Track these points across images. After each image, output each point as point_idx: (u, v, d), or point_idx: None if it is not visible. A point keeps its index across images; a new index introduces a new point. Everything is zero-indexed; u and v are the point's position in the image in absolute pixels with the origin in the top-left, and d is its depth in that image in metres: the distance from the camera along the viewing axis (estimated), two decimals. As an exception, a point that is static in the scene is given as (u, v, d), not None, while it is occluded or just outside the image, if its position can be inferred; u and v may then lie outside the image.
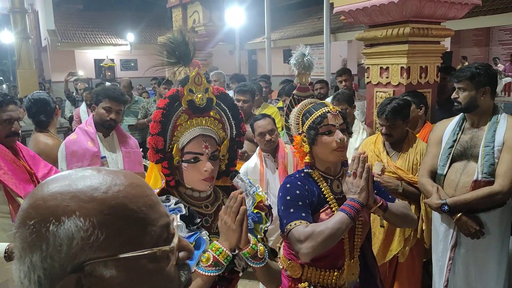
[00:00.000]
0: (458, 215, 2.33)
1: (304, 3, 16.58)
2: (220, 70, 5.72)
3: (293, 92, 1.84)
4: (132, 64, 20.58)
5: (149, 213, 0.65)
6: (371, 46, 3.47)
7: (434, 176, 2.51)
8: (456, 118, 2.52)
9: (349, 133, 1.75)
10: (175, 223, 0.71)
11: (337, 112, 1.68)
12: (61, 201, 0.60)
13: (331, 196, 1.69)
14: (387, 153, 2.76)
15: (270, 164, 2.90)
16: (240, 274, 1.47)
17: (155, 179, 1.42)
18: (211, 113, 1.43)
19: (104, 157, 2.75)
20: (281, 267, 1.81)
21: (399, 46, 3.20)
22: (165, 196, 1.34)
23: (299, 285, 1.74)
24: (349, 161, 3.36)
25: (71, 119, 6.99)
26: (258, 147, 2.98)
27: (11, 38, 9.46)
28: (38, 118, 2.94)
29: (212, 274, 1.26)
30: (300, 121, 1.73)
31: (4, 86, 22.67)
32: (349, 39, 14.07)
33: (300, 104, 1.77)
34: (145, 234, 0.64)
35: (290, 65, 1.81)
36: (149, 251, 0.63)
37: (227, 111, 1.48)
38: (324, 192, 1.69)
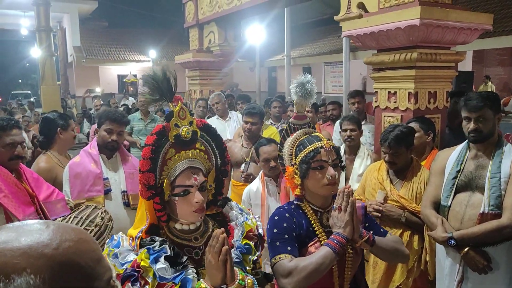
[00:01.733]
0: (466, 249, 2.23)
1: (324, 21, 16.61)
2: (220, 92, 5.79)
3: (290, 120, 1.84)
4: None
5: (96, 268, 0.67)
6: (379, 70, 3.44)
7: (438, 207, 2.44)
8: (459, 148, 2.45)
9: (341, 168, 1.74)
10: (114, 274, 0.72)
11: (331, 147, 1.66)
12: (11, 258, 0.60)
13: (321, 230, 1.67)
14: (391, 181, 2.71)
15: (272, 189, 2.88)
16: None
17: (141, 216, 1.43)
18: (197, 145, 1.45)
19: (107, 178, 2.79)
20: None
21: (406, 71, 3.17)
22: (150, 237, 1.35)
23: None
24: (352, 187, 3.32)
25: (89, 135, 7.16)
26: (261, 171, 2.97)
27: (39, 53, 9.81)
28: (39, 139, 3.00)
29: None
30: (294, 153, 1.72)
31: (31, 99, 23.44)
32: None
33: (295, 134, 1.76)
34: None
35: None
36: None
37: (211, 141, 1.50)
38: (314, 225, 1.68)
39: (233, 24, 6.60)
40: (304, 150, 1.66)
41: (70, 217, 2.28)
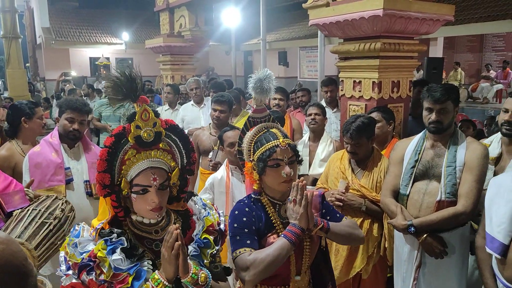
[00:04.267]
0: (424, 236, 2.32)
1: (300, 5, 16.48)
2: (197, 77, 5.72)
3: (249, 114, 1.86)
4: (130, 62, 20.61)
5: (27, 266, 0.73)
6: (345, 59, 3.47)
7: (396, 195, 2.51)
8: (417, 138, 2.52)
9: (299, 162, 1.79)
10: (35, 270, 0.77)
11: (287, 145, 1.71)
12: None
13: (278, 222, 1.76)
14: (352, 171, 2.77)
15: (237, 176, 2.90)
16: None
17: (104, 210, 1.46)
18: (161, 145, 1.45)
19: (68, 168, 2.75)
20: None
21: (370, 60, 3.20)
22: (109, 229, 1.39)
23: None
24: (315, 171, 3.35)
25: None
26: (226, 159, 2.98)
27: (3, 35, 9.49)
28: (5, 128, 2.95)
29: None
30: (252, 149, 1.76)
31: (-1, 82, 22.54)
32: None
33: (253, 129, 1.79)
34: (27, 285, 0.72)
35: (284, 67, 1.81)
36: None
37: (177, 141, 1.50)
38: (272, 218, 1.76)
39: (204, 8, 6.51)
40: (261, 148, 1.71)
41: (28, 209, 2.23)
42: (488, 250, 1.83)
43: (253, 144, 1.76)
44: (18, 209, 2.26)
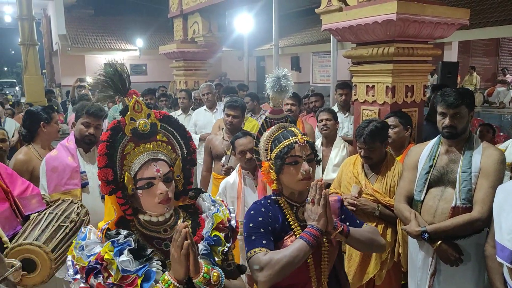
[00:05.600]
0: (438, 243, 2.28)
1: (312, 11, 16.44)
2: (210, 82, 5.76)
3: (266, 115, 1.83)
4: (144, 68, 20.84)
5: None
6: (358, 64, 3.46)
7: (410, 201, 2.48)
8: (431, 143, 2.49)
9: (317, 162, 1.73)
10: None
11: (305, 142, 1.66)
12: None
13: (296, 224, 1.68)
14: (366, 175, 2.75)
15: (249, 182, 2.90)
16: None
17: (109, 211, 1.43)
18: (158, 137, 1.45)
19: (84, 172, 2.80)
20: None
21: (384, 65, 3.19)
22: (115, 230, 1.36)
23: None
24: (328, 176, 3.33)
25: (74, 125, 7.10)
26: (239, 164, 2.99)
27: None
28: (22, 133, 3.02)
29: None
30: (269, 148, 1.72)
31: (17, 88, 23.04)
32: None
33: (271, 129, 1.75)
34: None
35: (297, 72, 1.78)
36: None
37: (174, 132, 1.49)
38: (289, 219, 1.69)
39: (217, 15, 6.56)
40: (278, 146, 1.67)
41: (45, 213, 2.28)
42: (499, 259, 1.78)
43: (270, 143, 1.71)
44: (35, 213, 2.31)
